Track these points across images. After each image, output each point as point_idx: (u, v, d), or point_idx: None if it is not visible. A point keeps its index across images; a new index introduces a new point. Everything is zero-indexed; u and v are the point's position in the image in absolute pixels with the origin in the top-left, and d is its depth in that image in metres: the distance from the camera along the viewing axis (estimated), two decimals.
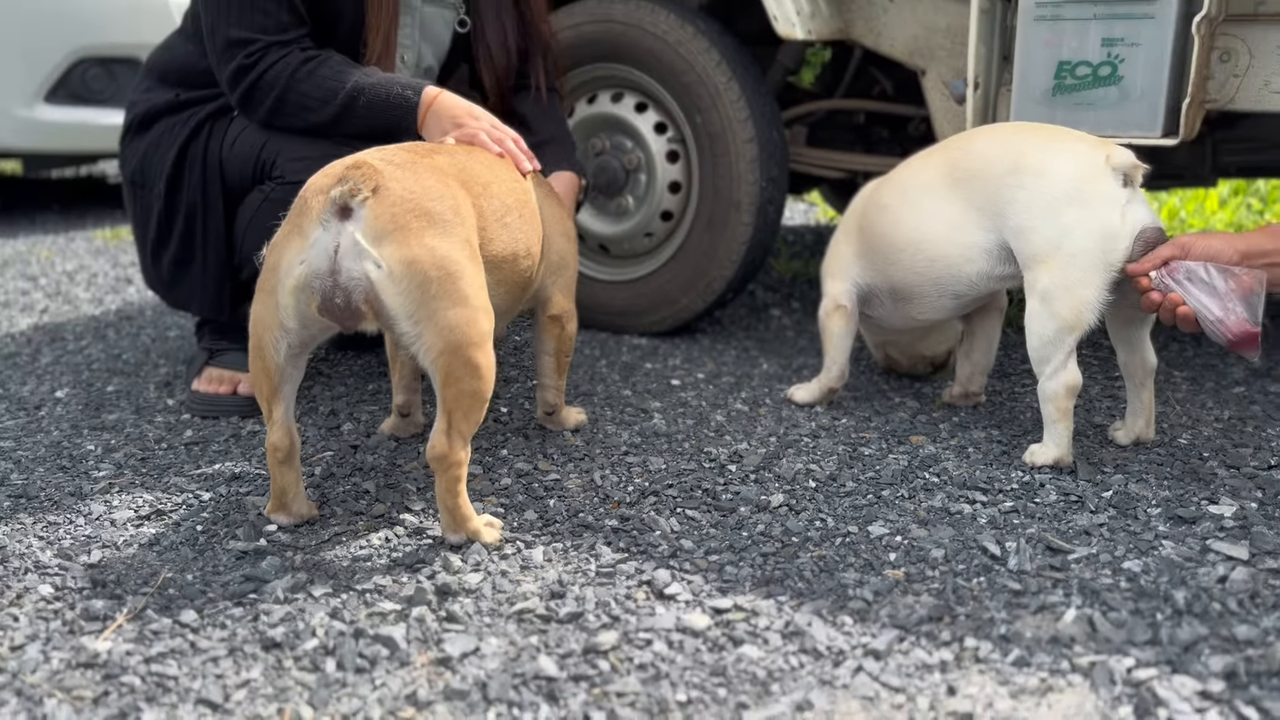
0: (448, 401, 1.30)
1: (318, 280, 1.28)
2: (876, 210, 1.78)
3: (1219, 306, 1.42)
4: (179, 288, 1.89)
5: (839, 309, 1.83)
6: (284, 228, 1.34)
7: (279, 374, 1.34)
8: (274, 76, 1.70)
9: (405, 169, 1.34)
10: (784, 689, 1.05)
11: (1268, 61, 1.76)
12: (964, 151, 1.66)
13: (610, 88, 2.34)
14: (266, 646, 1.13)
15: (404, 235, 1.28)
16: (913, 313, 1.79)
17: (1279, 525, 1.38)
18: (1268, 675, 1.06)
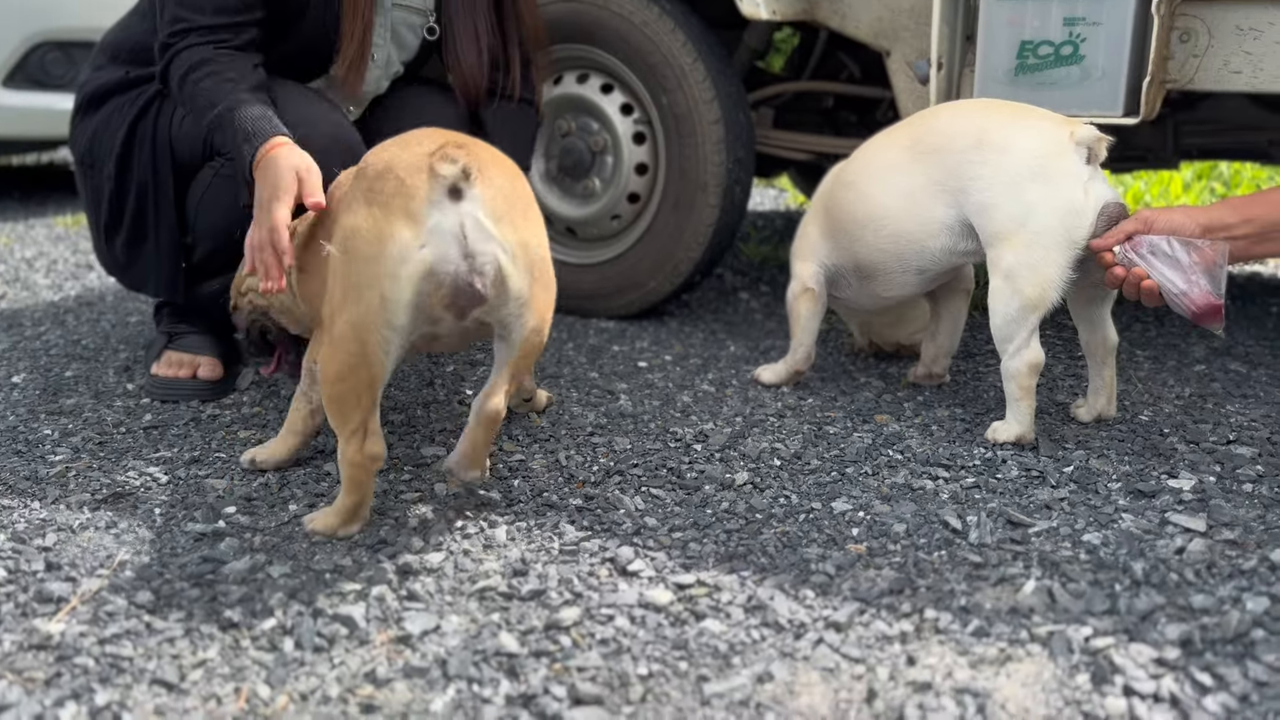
0: (519, 367, 1.34)
1: (449, 265, 1.20)
2: (841, 188, 1.77)
3: (1182, 279, 1.43)
4: (133, 269, 1.86)
5: (806, 291, 1.83)
6: (362, 211, 1.22)
7: (382, 382, 1.25)
8: (180, 64, 1.63)
9: (487, 152, 1.32)
10: (745, 661, 1.05)
11: (1226, 42, 1.78)
12: (927, 127, 1.66)
13: (576, 69, 2.33)
14: (224, 627, 1.12)
15: (514, 217, 1.27)
16: (878, 290, 1.79)
17: (1236, 498, 1.40)
18: (1222, 642, 1.07)
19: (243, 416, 1.75)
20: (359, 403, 1.24)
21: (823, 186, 1.86)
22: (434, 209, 1.21)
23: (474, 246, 1.22)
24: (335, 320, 1.23)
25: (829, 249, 1.81)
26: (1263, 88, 1.77)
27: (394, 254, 1.20)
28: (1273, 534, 1.29)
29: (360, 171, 1.30)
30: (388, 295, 1.20)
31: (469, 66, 1.90)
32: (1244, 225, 1.46)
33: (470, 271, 1.22)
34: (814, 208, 1.86)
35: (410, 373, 1.97)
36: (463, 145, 1.26)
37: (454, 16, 1.90)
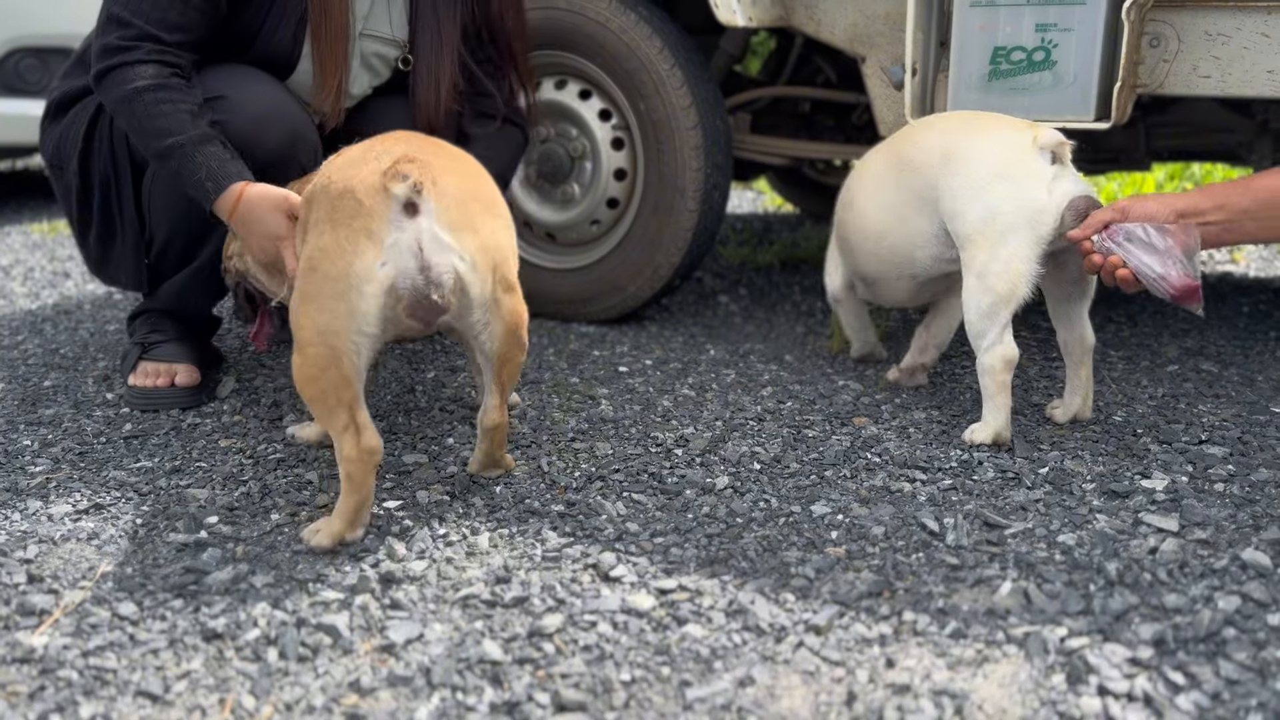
0: (503, 378, 1.39)
1: (407, 280, 1.27)
2: (843, 207, 1.88)
3: (1160, 263, 1.47)
4: (108, 264, 1.89)
5: (837, 302, 2.00)
6: (328, 232, 1.28)
7: (358, 378, 1.29)
8: (130, 76, 1.62)
9: (443, 158, 1.36)
10: (727, 666, 1.06)
11: (1196, 47, 1.80)
12: (905, 143, 1.73)
13: (554, 75, 2.34)
14: (207, 637, 1.12)
15: (473, 223, 1.31)
16: (882, 295, 1.89)
17: (1208, 498, 1.42)
18: (1194, 641, 1.09)
19: (223, 425, 1.75)
20: (339, 399, 1.27)
21: (838, 201, 1.96)
22: (392, 227, 1.27)
23: (429, 259, 1.27)
24: (300, 325, 1.28)
25: (843, 260, 1.95)
26: (1231, 91, 1.80)
27: (358, 272, 1.26)
28: (1244, 533, 1.31)
29: (323, 189, 1.34)
30: (354, 308, 1.26)
31: (427, 107, 1.92)
32: (1216, 211, 1.50)
33: (428, 284, 1.28)
34: (834, 222, 1.98)
35: (390, 379, 1.97)
36: (414, 159, 1.29)
37: (420, 56, 1.92)
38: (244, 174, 1.60)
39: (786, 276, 2.92)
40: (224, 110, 1.68)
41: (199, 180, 1.59)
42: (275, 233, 1.56)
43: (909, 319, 2.42)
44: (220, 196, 1.58)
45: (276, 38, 1.78)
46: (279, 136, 1.72)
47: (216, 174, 1.58)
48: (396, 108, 1.93)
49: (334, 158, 1.43)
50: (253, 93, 1.72)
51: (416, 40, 1.92)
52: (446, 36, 1.92)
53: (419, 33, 1.92)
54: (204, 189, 1.59)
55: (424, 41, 1.91)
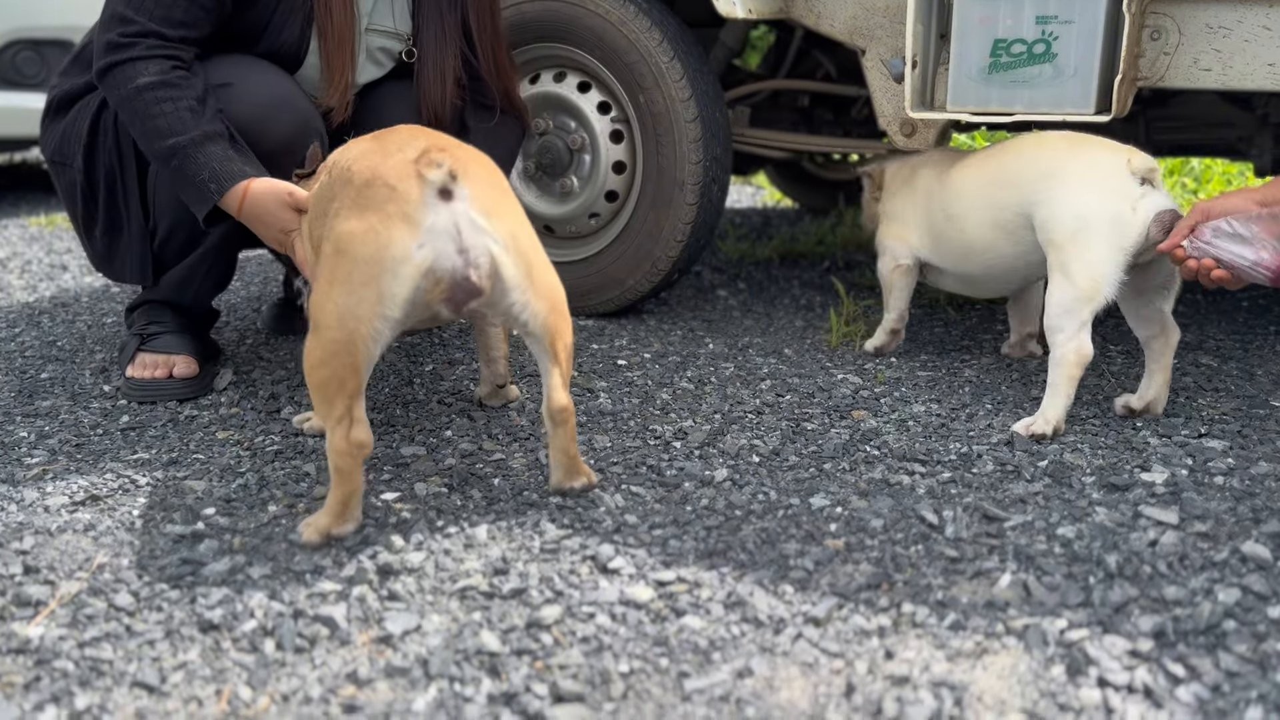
0: (558, 356, 1.38)
1: (446, 262, 1.27)
2: (945, 219, 1.91)
3: (1251, 251, 1.49)
4: (115, 259, 1.88)
5: (899, 267, 2.02)
6: (356, 217, 1.27)
7: (366, 369, 1.28)
8: (131, 74, 1.62)
9: (464, 149, 1.38)
10: (725, 657, 1.06)
11: (1196, 39, 1.80)
12: (1007, 159, 1.79)
13: (553, 67, 2.33)
14: (204, 628, 1.12)
15: (501, 210, 1.33)
16: (983, 292, 1.99)
17: (1208, 491, 1.42)
18: (1194, 634, 1.09)
19: (220, 417, 1.74)
20: (342, 388, 1.26)
21: (913, 182, 2.00)
22: (429, 211, 1.27)
23: (468, 241, 1.28)
24: (322, 308, 1.26)
25: (930, 249, 1.97)
26: (1232, 85, 1.80)
27: (395, 254, 1.25)
28: (1244, 526, 1.31)
29: (345, 179, 1.33)
30: (385, 291, 1.25)
31: (433, 100, 1.93)
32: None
33: (466, 266, 1.28)
34: (905, 202, 2.01)
35: (389, 372, 1.97)
36: (444, 148, 1.30)
37: (425, 49, 1.93)
38: (247, 170, 1.60)
39: (785, 271, 2.92)
40: (231, 98, 1.68)
41: (202, 180, 1.60)
42: (284, 226, 1.58)
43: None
44: (225, 196, 1.59)
45: (283, 35, 1.79)
46: (288, 125, 1.72)
47: (219, 174, 1.60)
48: (396, 97, 1.93)
49: (342, 150, 1.44)
50: (261, 81, 1.72)
51: (421, 35, 1.93)
52: (450, 30, 1.93)
53: (424, 28, 1.92)
54: (207, 190, 1.59)
55: (429, 36, 1.92)
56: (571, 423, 1.40)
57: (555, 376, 1.38)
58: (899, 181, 2.06)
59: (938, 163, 1.99)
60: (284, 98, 1.74)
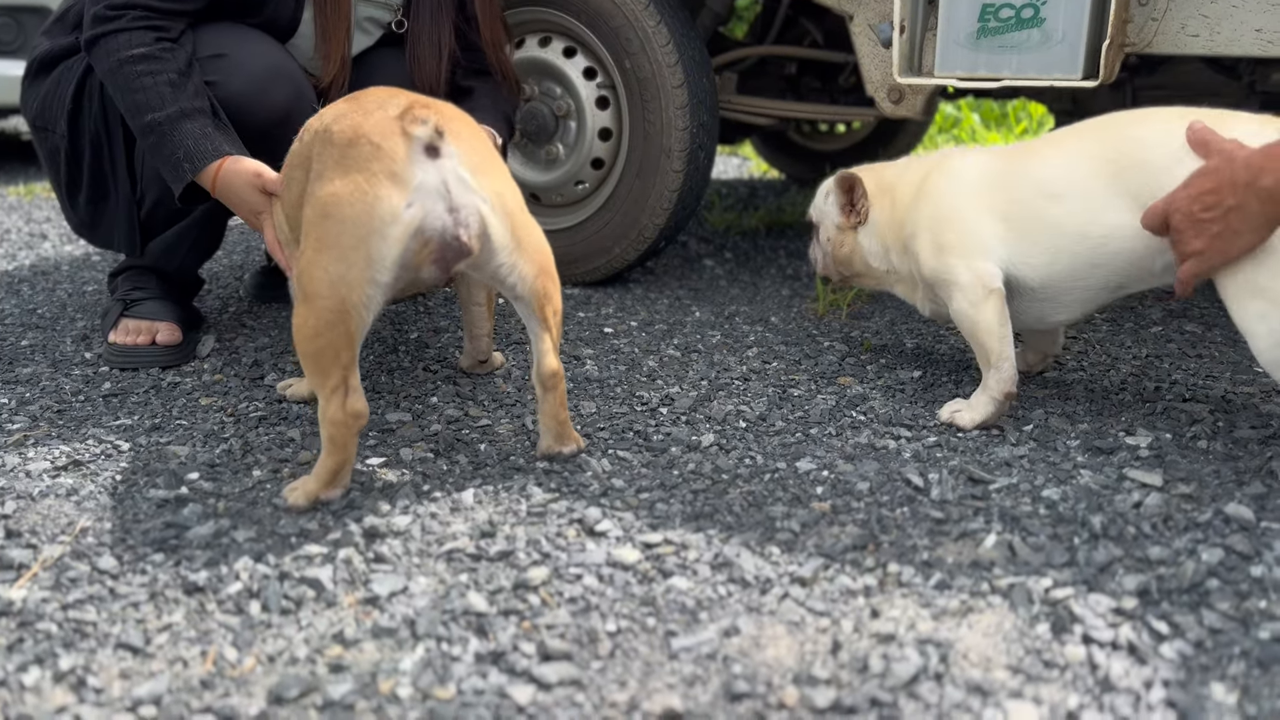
0: (548, 319, 1.36)
1: (436, 221, 1.24)
2: (1044, 198, 1.48)
3: None
4: (100, 226, 1.86)
5: (992, 294, 1.49)
6: (340, 178, 1.24)
7: (360, 336, 1.25)
8: (118, 45, 1.60)
9: (446, 106, 1.36)
10: (712, 617, 1.06)
11: (1184, 5, 1.79)
12: (1124, 138, 1.43)
13: (538, 32, 2.31)
14: (189, 590, 1.11)
15: (487, 168, 1.31)
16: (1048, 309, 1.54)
17: (1191, 454, 1.42)
18: (1178, 592, 1.09)
19: (204, 384, 1.73)
20: (338, 358, 1.24)
21: (986, 179, 1.55)
22: (416, 168, 1.24)
23: (457, 200, 1.25)
24: (311, 276, 1.23)
25: (1011, 253, 1.50)
26: (1219, 50, 1.79)
27: (383, 214, 1.22)
28: (1227, 488, 1.32)
29: (325, 140, 1.30)
30: (374, 254, 1.22)
31: (428, 71, 1.91)
32: None
33: (456, 225, 1.26)
34: (977, 203, 1.54)
35: (374, 340, 1.95)
36: (428, 105, 1.28)
37: (421, 21, 1.92)
38: (223, 148, 1.58)
39: (772, 241, 2.91)
40: (226, 70, 1.67)
41: (177, 159, 1.58)
42: (254, 208, 1.56)
43: None
44: (199, 174, 1.57)
45: (279, 6, 1.77)
46: (282, 95, 1.71)
47: (193, 152, 1.57)
48: (387, 68, 1.92)
49: (316, 117, 1.41)
50: (255, 52, 1.71)
51: (419, 9, 1.91)
52: (446, 4, 1.91)
53: (420, 2, 1.90)
54: (181, 168, 1.58)
55: (424, 9, 1.91)
56: (562, 388, 1.39)
57: (545, 341, 1.37)
58: (917, 182, 1.62)
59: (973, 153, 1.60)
60: (278, 69, 1.72)
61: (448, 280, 1.34)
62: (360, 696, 0.94)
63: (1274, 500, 1.28)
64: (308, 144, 1.37)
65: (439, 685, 0.96)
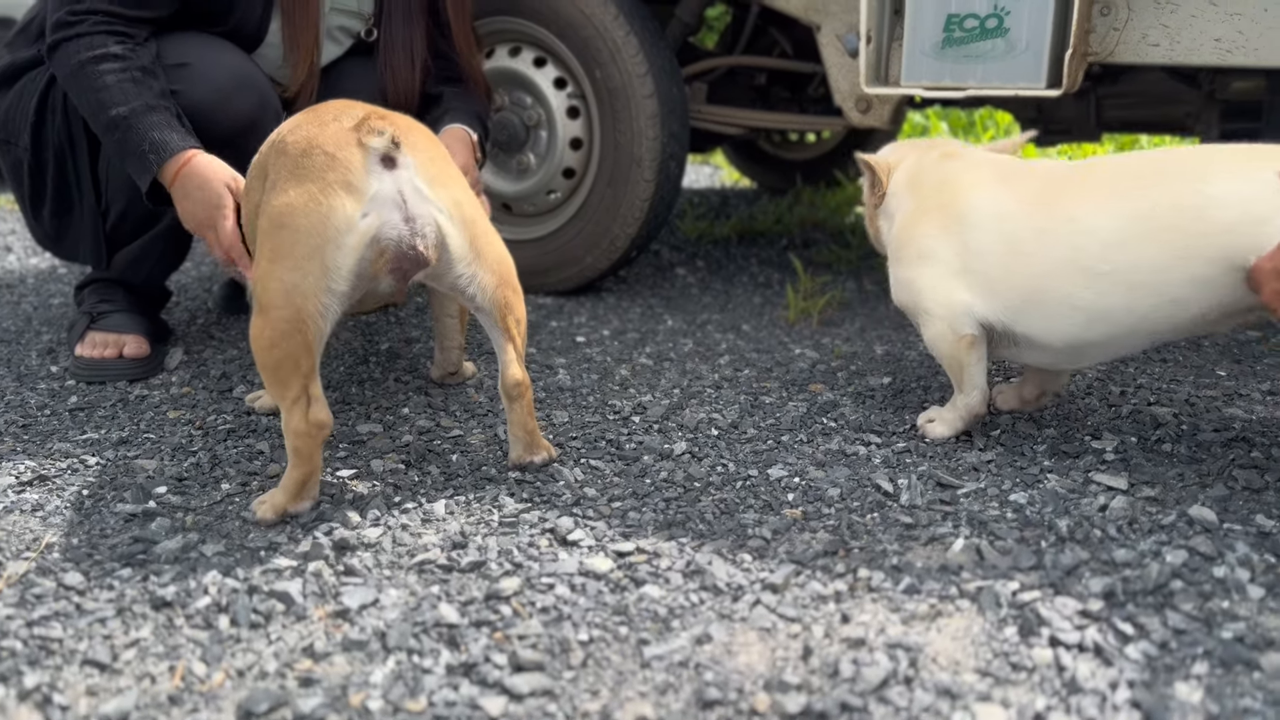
0: (510, 330, 1.36)
1: (392, 231, 1.24)
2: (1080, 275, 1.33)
3: None
4: (65, 239, 1.84)
5: (960, 341, 1.43)
6: (295, 188, 1.23)
7: (319, 346, 1.24)
8: (79, 48, 1.59)
9: (404, 117, 1.36)
10: (684, 624, 1.06)
11: (1145, 15, 1.82)
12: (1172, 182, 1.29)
13: (508, 42, 2.31)
14: (156, 606, 1.10)
15: (444, 179, 1.31)
16: (1084, 361, 1.44)
17: (1156, 457, 1.44)
18: (1143, 593, 1.11)
19: (171, 397, 1.72)
20: (297, 368, 1.23)
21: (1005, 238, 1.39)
22: (372, 178, 1.24)
23: (414, 210, 1.26)
24: (267, 287, 1.23)
25: (1027, 320, 1.41)
26: (1179, 60, 1.82)
27: (338, 223, 1.22)
28: (1190, 491, 1.34)
29: (279, 150, 1.30)
30: (330, 263, 1.22)
31: (403, 80, 1.92)
32: None
33: (412, 235, 1.26)
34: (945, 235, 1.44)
35: (344, 351, 1.95)
36: (384, 116, 1.28)
37: (391, 28, 1.91)
38: (190, 142, 1.57)
39: (743, 249, 2.92)
40: (190, 79, 1.65)
41: (142, 152, 1.55)
42: (216, 202, 1.53)
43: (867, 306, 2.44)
44: (164, 166, 1.55)
45: (246, 14, 1.77)
46: (246, 104, 1.70)
47: (159, 144, 1.55)
48: (357, 77, 1.91)
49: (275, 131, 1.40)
50: (219, 61, 1.69)
51: (388, 16, 1.90)
52: (416, 11, 1.91)
53: (391, 9, 1.90)
54: (146, 161, 1.55)
55: (396, 18, 1.91)
56: (528, 397, 1.39)
57: (509, 351, 1.37)
58: (923, 196, 1.49)
59: (995, 186, 1.42)
60: (243, 78, 1.71)
61: (405, 291, 1.34)
62: (331, 710, 0.94)
63: (1235, 502, 1.30)
64: (264, 155, 1.36)
65: (410, 698, 0.95)
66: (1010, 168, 1.45)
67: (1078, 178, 1.37)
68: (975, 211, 1.42)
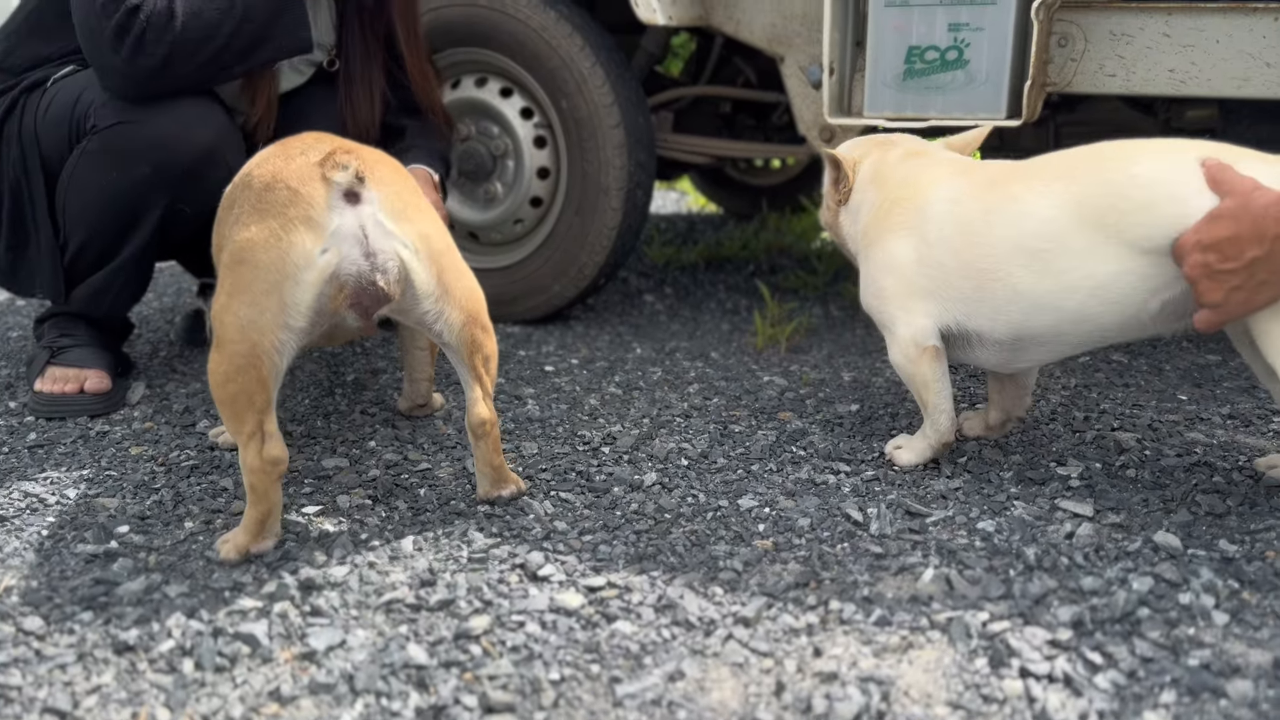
0: (477, 368, 1.35)
1: (352, 267, 1.23)
2: (1021, 255, 1.37)
3: None
4: (19, 274, 1.82)
5: (920, 354, 1.46)
6: (256, 223, 1.23)
7: (274, 382, 1.23)
8: (164, 6, 1.60)
9: (372, 151, 1.35)
10: (656, 661, 1.06)
11: (1101, 46, 1.86)
12: (1101, 182, 1.32)
13: (474, 72, 2.31)
14: (119, 650, 1.08)
15: (411, 213, 1.30)
16: (1032, 360, 1.47)
17: (1120, 483, 1.46)
18: (1110, 621, 1.12)
19: (134, 432, 1.69)
20: (251, 403, 1.22)
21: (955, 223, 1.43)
22: (333, 214, 1.23)
23: (375, 245, 1.25)
24: (224, 321, 1.22)
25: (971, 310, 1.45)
26: (1135, 90, 1.86)
27: (296, 259, 1.21)
28: (1155, 517, 1.35)
29: (245, 185, 1.30)
30: (287, 299, 1.21)
31: (363, 113, 1.93)
32: None
33: (373, 270, 1.25)
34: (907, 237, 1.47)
35: (309, 383, 1.93)
36: (350, 150, 1.28)
37: (352, 64, 1.93)
38: None
39: (711, 275, 2.94)
40: (148, 109, 1.65)
41: None
42: None
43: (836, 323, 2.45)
44: None
45: None
46: (206, 134, 1.70)
47: None
48: (318, 106, 1.91)
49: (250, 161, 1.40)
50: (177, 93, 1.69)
51: (348, 50, 1.92)
52: (374, 44, 1.93)
53: (349, 43, 1.92)
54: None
55: (355, 52, 1.92)
56: (495, 434, 1.38)
57: (475, 390, 1.36)
58: (888, 192, 1.51)
59: (952, 179, 1.46)
60: (202, 108, 1.71)
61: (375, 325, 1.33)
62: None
63: (1199, 528, 1.32)
64: (234, 188, 1.36)
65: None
66: (968, 164, 1.49)
67: (1027, 166, 1.42)
68: (933, 204, 1.45)
